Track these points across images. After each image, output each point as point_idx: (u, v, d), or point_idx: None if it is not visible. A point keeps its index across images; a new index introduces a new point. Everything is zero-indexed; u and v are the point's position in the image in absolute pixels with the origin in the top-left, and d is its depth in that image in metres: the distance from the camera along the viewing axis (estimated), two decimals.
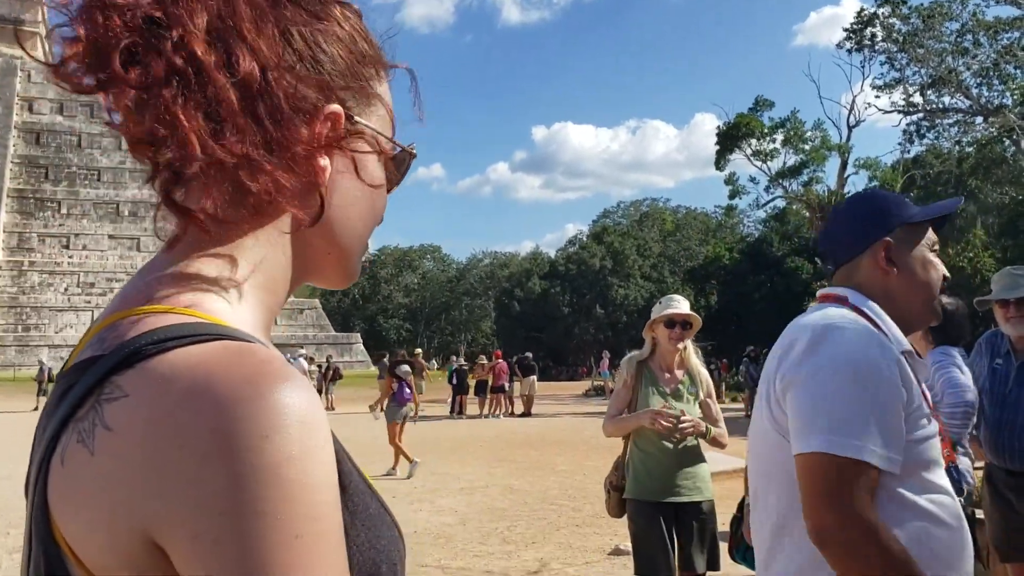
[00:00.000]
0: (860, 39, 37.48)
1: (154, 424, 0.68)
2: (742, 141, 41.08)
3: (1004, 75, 34.14)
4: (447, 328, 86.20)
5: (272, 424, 0.67)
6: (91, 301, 49.32)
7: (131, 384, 0.70)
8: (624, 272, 63.11)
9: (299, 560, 0.67)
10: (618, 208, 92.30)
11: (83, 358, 0.76)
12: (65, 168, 52.93)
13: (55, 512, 0.71)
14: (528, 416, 24.62)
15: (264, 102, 0.79)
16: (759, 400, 1.94)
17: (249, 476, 0.66)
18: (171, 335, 0.73)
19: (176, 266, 0.80)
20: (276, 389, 0.69)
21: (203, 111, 0.76)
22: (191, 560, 0.66)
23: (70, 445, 0.71)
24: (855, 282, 2.01)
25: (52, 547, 0.71)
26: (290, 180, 0.80)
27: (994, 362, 4.66)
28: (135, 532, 0.68)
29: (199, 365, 0.70)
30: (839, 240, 2.09)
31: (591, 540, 8.01)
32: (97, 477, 0.69)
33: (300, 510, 0.68)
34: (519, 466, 13.56)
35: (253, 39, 0.79)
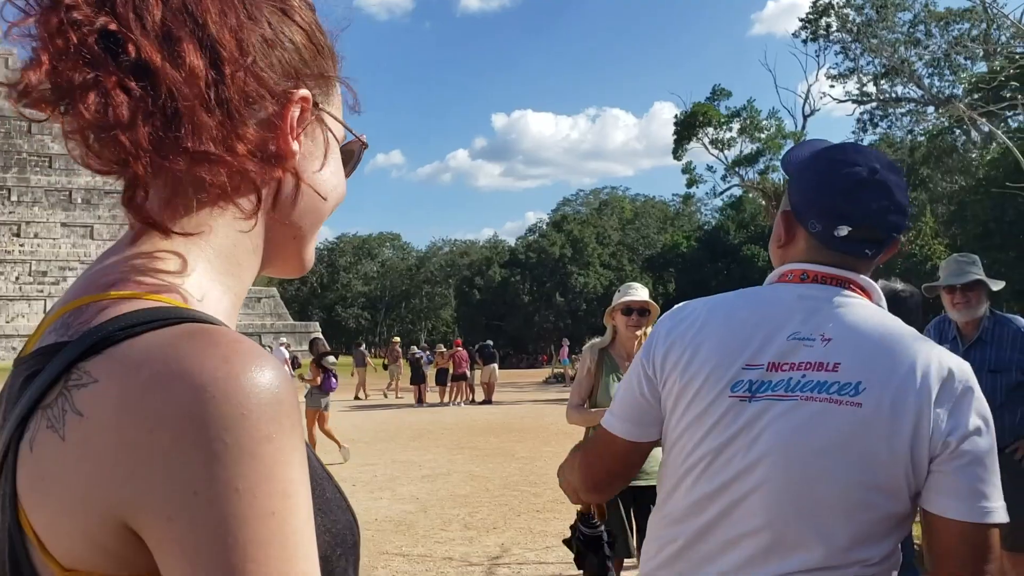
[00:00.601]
0: (816, 29, 37.95)
1: (126, 408, 0.68)
2: (699, 130, 41.40)
3: (955, 65, 34.81)
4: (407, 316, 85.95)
5: (248, 403, 0.68)
6: (43, 290, 48.33)
7: (100, 369, 0.70)
8: (584, 260, 63.35)
9: (274, 536, 0.67)
10: (578, 196, 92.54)
11: (46, 343, 0.76)
12: (15, 154, 51.72)
13: (23, 498, 0.71)
14: (489, 404, 24.69)
15: (227, 93, 0.79)
16: (873, 428, 1.53)
17: (225, 455, 0.67)
18: (140, 320, 0.73)
19: (140, 252, 0.80)
20: (250, 368, 0.69)
21: (161, 116, 0.76)
22: (167, 541, 0.67)
23: (39, 431, 0.70)
24: (869, 274, 1.75)
25: (17, 533, 0.71)
26: (255, 167, 0.82)
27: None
28: (107, 517, 0.68)
29: (169, 348, 0.70)
30: (908, 216, 1.74)
31: (551, 525, 8.09)
32: (68, 463, 0.69)
33: (276, 487, 0.68)
34: (480, 453, 13.61)
35: (218, 29, 0.79)
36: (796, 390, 1.56)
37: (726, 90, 42.60)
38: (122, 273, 0.79)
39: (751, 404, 1.58)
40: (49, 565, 0.70)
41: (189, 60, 0.77)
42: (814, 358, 1.58)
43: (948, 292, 4.68)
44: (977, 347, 4.62)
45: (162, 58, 0.76)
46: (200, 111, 0.77)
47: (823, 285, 1.66)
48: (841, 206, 1.64)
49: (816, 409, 1.55)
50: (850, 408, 1.53)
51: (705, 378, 1.64)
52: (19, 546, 0.71)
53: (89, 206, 52.22)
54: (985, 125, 25.65)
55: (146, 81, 0.75)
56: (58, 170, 52.47)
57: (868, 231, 1.64)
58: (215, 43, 0.79)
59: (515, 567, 6.71)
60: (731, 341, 1.65)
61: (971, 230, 24.77)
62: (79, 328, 0.74)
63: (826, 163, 1.70)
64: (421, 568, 6.65)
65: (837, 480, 1.53)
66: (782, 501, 1.55)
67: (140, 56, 0.75)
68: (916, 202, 33.63)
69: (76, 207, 51.94)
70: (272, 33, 0.84)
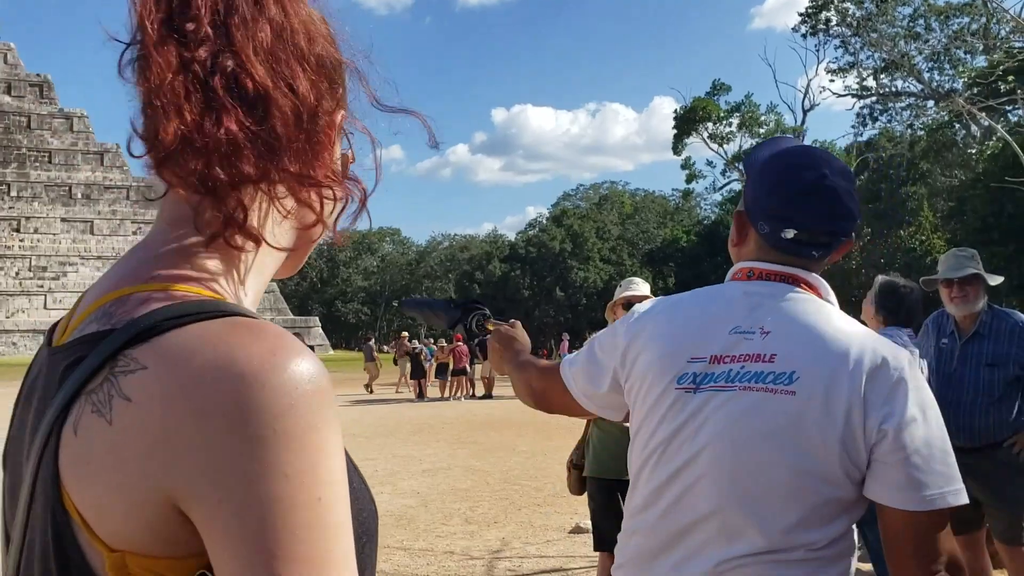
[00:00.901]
0: (815, 23, 37.93)
1: (177, 395, 0.70)
2: (699, 125, 41.42)
3: (955, 60, 34.78)
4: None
5: (295, 394, 0.71)
6: (44, 285, 48.36)
7: (148, 357, 0.73)
8: (583, 255, 63.35)
9: (319, 520, 0.70)
10: (578, 191, 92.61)
11: (87, 332, 0.79)
12: (14, 150, 51.65)
13: (66, 481, 0.73)
14: (489, 398, 24.71)
15: (315, 119, 0.86)
16: (805, 415, 1.59)
17: (275, 442, 0.70)
18: (186, 311, 0.76)
19: (180, 248, 0.84)
20: (296, 361, 0.73)
21: (268, 142, 0.81)
22: (217, 522, 0.69)
23: (84, 416, 0.73)
24: (819, 272, 1.79)
25: (62, 515, 0.73)
26: (333, 186, 0.89)
27: (940, 342, 4.78)
28: (158, 499, 0.71)
29: (218, 339, 0.73)
30: (856, 220, 1.77)
31: (552, 519, 8.12)
32: (116, 446, 0.71)
33: (321, 475, 0.71)
34: (481, 447, 13.64)
35: (308, 54, 0.86)
36: (735, 381, 1.63)
37: (725, 85, 42.64)
38: (163, 266, 0.82)
39: (695, 395, 1.66)
40: (96, 546, 0.72)
41: (300, 87, 0.83)
42: (753, 350, 1.64)
43: (946, 286, 4.70)
44: (975, 341, 4.64)
45: (275, 87, 0.81)
46: (301, 136, 0.84)
47: (768, 282, 1.73)
48: (787, 211, 1.70)
49: (753, 398, 1.61)
50: (784, 397, 1.59)
51: (657, 372, 1.71)
52: (64, 528, 0.73)
53: (89, 201, 52.17)
54: (985, 119, 25.66)
55: (258, 108, 0.80)
56: (57, 165, 52.40)
57: (813, 235, 1.70)
58: (308, 68, 0.85)
59: (516, 561, 6.73)
60: (680, 337, 1.73)
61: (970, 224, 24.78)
62: (122, 317, 0.77)
63: (776, 168, 1.76)
64: (422, 562, 6.68)
65: (774, 467, 1.59)
66: (725, 488, 1.62)
67: (256, 89, 0.80)
68: (916, 196, 33.65)
69: (76, 202, 51.89)
70: (324, 52, 0.89)
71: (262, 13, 0.84)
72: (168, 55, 0.78)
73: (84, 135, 53.72)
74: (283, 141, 0.82)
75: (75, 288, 47.33)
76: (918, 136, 37.79)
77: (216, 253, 0.84)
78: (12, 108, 52.90)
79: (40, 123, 53.20)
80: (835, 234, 1.71)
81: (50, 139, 52.63)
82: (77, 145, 52.92)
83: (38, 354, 0.90)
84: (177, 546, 0.72)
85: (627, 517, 1.80)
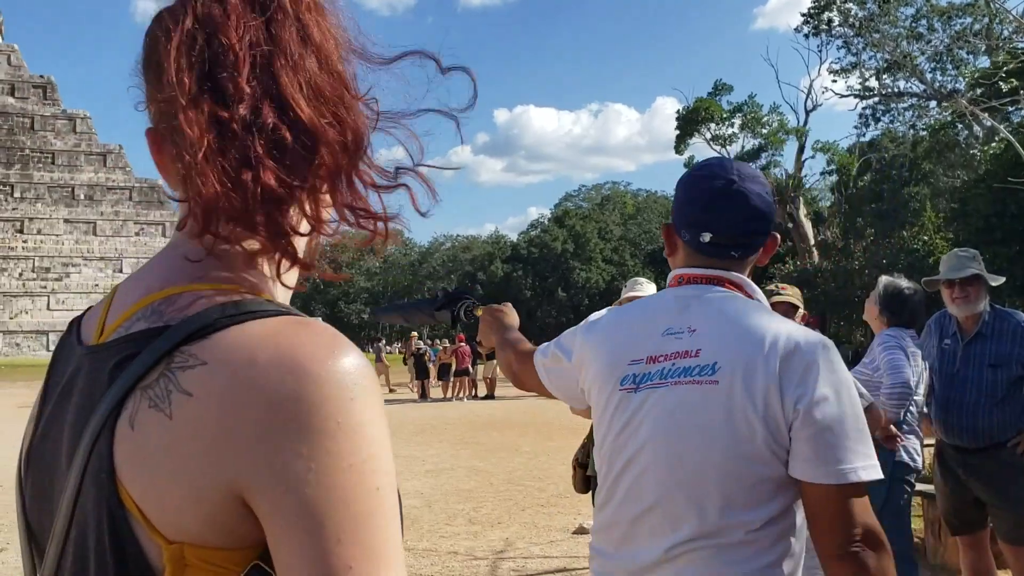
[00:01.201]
0: (818, 23, 37.84)
1: (241, 389, 0.73)
2: (701, 125, 41.34)
3: (957, 60, 34.73)
4: None
5: (354, 389, 0.75)
6: (47, 286, 48.40)
7: (208, 353, 0.75)
8: (586, 255, 63.35)
9: (378, 508, 0.74)
10: (580, 191, 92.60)
11: (136, 330, 0.81)
12: (18, 151, 51.72)
13: (122, 474, 0.75)
14: (491, 399, 24.72)
15: (360, 147, 0.87)
16: (730, 402, 1.71)
17: (338, 434, 0.73)
18: (242, 310, 0.78)
19: (223, 249, 0.85)
20: (352, 358, 0.77)
21: (324, 178, 0.84)
22: (281, 514, 0.72)
23: (140, 410, 0.75)
24: (747, 271, 1.92)
25: (118, 508, 0.75)
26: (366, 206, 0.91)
27: (943, 342, 4.79)
28: (220, 491, 0.73)
29: (280, 336, 0.76)
30: (770, 220, 1.90)
31: (556, 519, 8.13)
32: (177, 440, 0.73)
33: (379, 465, 0.75)
34: (484, 448, 13.65)
35: (349, 92, 0.87)
36: (668, 377, 1.77)
37: (728, 85, 42.54)
38: (210, 268, 0.84)
39: (636, 395, 1.81)
40: (153, 538, 0.74)
41: (346, 116, 0.85)
42: (681, 348, 1.79)
43: (947, 287, 4.70)
44: (977, 341, 4.64)
45: (322, 123, 0.82)
46: (349, 164, 0.85)
47: (696, 285, 1.87)
48: (701, 217, 1.85)
49: (682, 392, 1.75)
50: (708, 387, 1.73)
51: (605, 377, 1.88)
52: (121, 521, 0.74)
53: (92, 202, 52.22)
54: (987, 120, 25.62)
55: (307, 148, 0.82)
56: (61, 166, 52.45)
57: (729, 237, 1.84)
58: (350, 93, 0.87)
59: (520, 561, 6.75)
60: (622, 343, 1.88)
61: (973, 225, 24.74)
62: (174, 315, 0.80)
63: (691, 179, 1.93)
64: (426, 562, 6.69)
65: (706, 453, 1.71)
66: (665, 478, 1.75)
67: (305, 130, 0.81)
68: (918, 197, 33.62)
69: (79, 203, 51.95)
70: (354, 69, 0.93)
71: (307, 47, 0.84)
72: (201, 116, 0.78)
73: (87, 136, 53.76)
74: (330, 180, 0.84)
75: (78, 289, 47.38)
76: (920, 136, 37.76)
77: (253, 254, 0.86)
78: (16, 109, 52.98)
79: (43, 124, 53.27)
80: (751, 234, 1.85)
81: (53, 140, 52.69)
82: (80, 146, 52.97)
83: (63, 353, 0.91)
84: (235, 537, 0.75)
85: (594, 514, 1.93)
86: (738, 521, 1.70)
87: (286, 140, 0.80)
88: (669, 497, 1.75)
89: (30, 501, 0.88)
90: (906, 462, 4.67)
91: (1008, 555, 4.71)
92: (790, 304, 4.00)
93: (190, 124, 0.77)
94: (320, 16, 0.87)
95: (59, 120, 53.55)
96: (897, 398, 4.50)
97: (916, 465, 4.76)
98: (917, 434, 4.81)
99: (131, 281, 0.89)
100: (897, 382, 4.50)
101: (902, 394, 4.50)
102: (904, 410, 4.59)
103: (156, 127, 0.89)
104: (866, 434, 1.69)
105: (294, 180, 0.81)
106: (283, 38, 0.82)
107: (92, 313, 0.93)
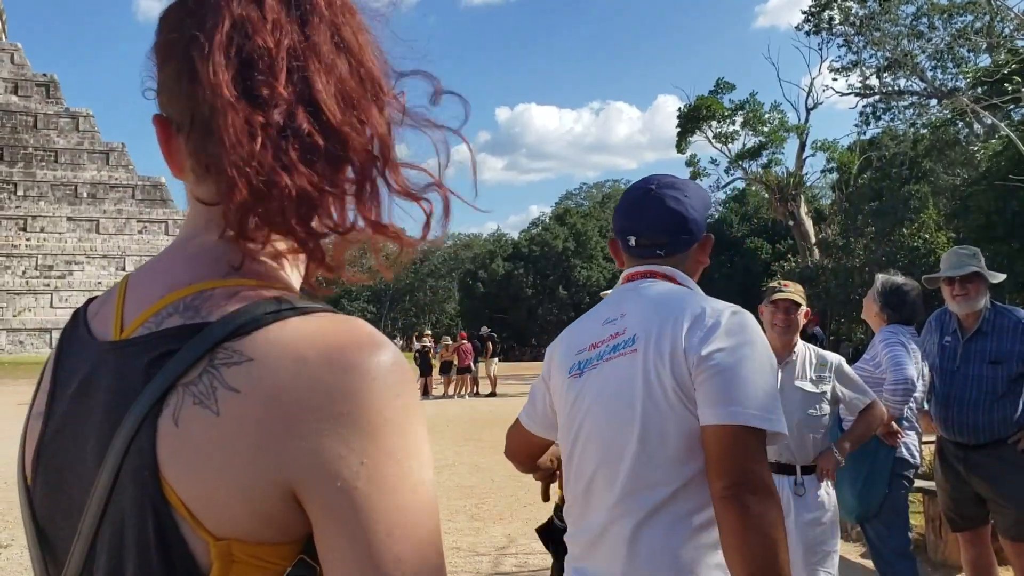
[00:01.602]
0: (818, 22, 37.78)
1: (290, 386, 0.73)
2: (703, 123, 41.28)
3: (958, 58, 34.63)
4: (411, 310, 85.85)
5: (400, 386, 0.77)
6: (50, 284, 48.32)
7: (254, 349, 0.75)
8: (587, 253, 63.30)
9: (425, 501, 0.76)
10: (580, 190, 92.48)
11: (170, 325, 0.80)
12: (21, 149, 51.61)
13: (166, 472, 0.74)
14: (493, 396, 24.72)
15: (388, 150, 0.88)
16: (645, 364, 1.89)
17: (387, 429, 0.75)
18: (284, 306, 0.79)
19: (250, 248, 0.85)
20: (394, 354, 0.78)
21: (338, 195, 0.85)
22: (332, 507, 0.73)
23: (184, 407, 0.74)
24: (682, 267, 2.08)
25: (163, 506, 0.74)
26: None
27: (943, 339, 4.81)
28: (271, 487, 0.73)
29: (323, 332, 0.77)
30: (697, 222, 2.09)
31: None
32: (226, 437, 0.73)
33: (423, 459, 0.78)
34: (486, 445, 13.68)
35: (382, 96, 0.88)
36: (603, 357, 1.98)
37: (729, 83, 42.47)
38: (240, 262, 0.84)
39: (580, 379, 2.02)
40: (200, 536, 0.74)
41: (375, 120, 0.85)
42: (614, 330, 2.00)
43: (947, 284, 4.73)
44: (978, 338, 4.67)
45: (352, 127, 0.83)
46: (375, 168, 0.86)
47: (633, 281, 2.09)
48: (624, 222, 2.13)
49: (612, 365, 1.96)
50: (630, 356, 1.92)
51: (559, 372, 2.10)
52: (166, 518, 0.74)
53: (95, 200, 52.17)
54: (988, 118, 25.60)
55: (337, 152, 0.82)
56: (64, 164, 52.38)
57: (649, 238, 2.08)
58: (383, 96, 0.87)
59: (522, 557, 6.78)
60: (573, 340, 2.12)
61: (974, 222, 24.70)
62: (211, 311, 0.79)
63: (623, 194, 2.20)
64: None
65: (630, 415, 1.88)
66: (601, 445, 1.94)
67: (335, 134, 0.82)
68: (919, 195, 33.55)
69: (82, 201, 51.88)
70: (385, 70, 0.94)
71: (339, 50, 0.83)
72: (239, 119, 0.77)
73: (90, 134, 53.68)
74: (358, 185, 0.84)
75: (81, 287, 47.33)
76: (921, 135, 37.68)
77: (276, 250, 0.87)
78: (19, 108, 52.90)
79: (46, 123, 53.16)
80: (669, 233, 2.06)
81: (56, 138, 52.58)
82: (83, 144, 52.88)
83: (72, 348, 0.88)
84: (283, 532, 0.76)
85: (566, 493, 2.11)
86: (665, 477, 1.83)
87: (319, 145, 0.80)
88: (605, 462, 1.92)
89: (41, 500, 0.86)
90: (906, 458, 4.70)
91: (1009, 551, 4.73)
92: (793, 301, 4.02)
93: (227, 127, 0.77)
94: (353, 18, 0.86)
95: (62, 118, 53.45)
96: (901, 394, 4.52)
97: (915, 461, 4.79)
98: (916, 430, 4.84)
99: (145, 275, 0.87)
100: (900, 378, 4.52)
101: (906, 390, 4.52)
102: (908, 404, 4.62)
103: (168, 115, 0.88)
104: (764, 388, 1.79)
105: (325, 184, 0.81)
106: (317, 41, 0.82)
107: (102, 307, 0.91)
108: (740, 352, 1.81)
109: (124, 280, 0.91)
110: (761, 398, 1.77)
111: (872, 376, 4.67)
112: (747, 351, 1.82)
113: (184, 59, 0.82)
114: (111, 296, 0.90)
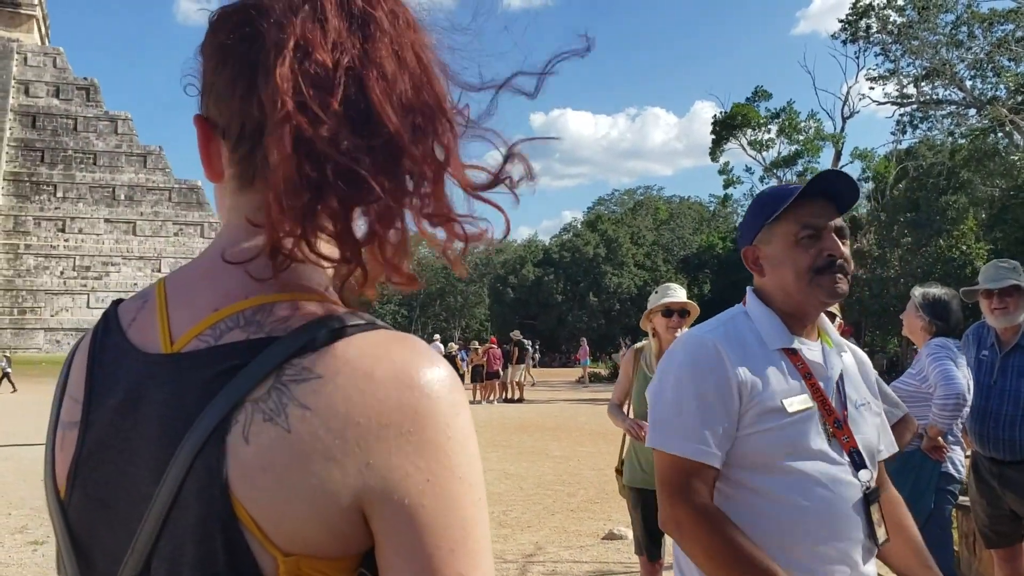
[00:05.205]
0: (855, 30, 37.50)
1: (360, 404, 0.75)
2: (738, 131, 41.11)
3: (998, 67, 34.15)
4: (442, 314, 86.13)
5: (459, 404, 0.79)
6: (87, 284, 49.13)
7: (323, 366, 0.76)
8: (618, 260, 63.08)
9: (481, 516, 0.78)
10: (613, 196, 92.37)
11: (234, 340, 0.79)
12: (61, 152, 52.58)
13: (236, 489, 0.74)
14: (521, 402, 24.71)
15: (449, 161, 0.87)
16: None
17: (450, 447, 0.77)
18: (347, 323, 0.79)
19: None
20: (449, 371, 0.80)
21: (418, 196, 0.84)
22: (398, 522, 0.74)
23: (253, 424, 0.74)
24: (755, 282, 2.15)
25: (232, 523, 0.74)
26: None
27: (980, 353, 4.75)
28: (342, 503, 0.74)
29: (386, 351, 0.78)
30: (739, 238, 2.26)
31: (586, 524, 8.13)
32: (298, 454, 0.73)
33: (479, 476, 0.80)
34: (514, 451, 13.66)
35: (444, 110, 0.87)
36: None
37: (766, 91, 42.31)
38: (292, 275, 0.83)
39: None
40: (269, 551, 0.74)
41: (436, 130, 0.84)
42: None
43: (986, 297, 4.67)
44: (1016, 353, 4.60)
45: (410, 137, 0.81)
46: (434, 175, 0.85)
47: None
48: None
49: None
50: None
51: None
52: (235, 536, 0.74)
53: (132, 202, 52.97)
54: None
55: (392, 161, 0.81)
56: (102, 167, 53.25)
57: None
58: (445, 110, 0.86)
59: (549, 565, 6.75)
60: None
61: (1012, 234, 24.37)
62: (276, 326, 0.79)
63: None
64: None
65: None
66: None
67: (392, 143, 0.81)
68: (955, 206, 33.14)
69: (119, 203, 52.70)
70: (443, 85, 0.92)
71: (401, 65, 0.82)
72: (289, 137, 0.76)
73: (128, 137, 54.55)
74: (417, 188, 0.83)
75: (117, 288, 48.03)
76: (959, 144, 37.21)
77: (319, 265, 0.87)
78: (60, 111, 53.86)
79: (86, 126, 54.10)
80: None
81: (95, 141, 53.48)
82: (121, 147, 53.74)
83: (109, 356, 0.86)
84: (347, 546, 0.77)
85: None
86: None
87: (371, 160, 0.79)
88: None
89: (80, 514, 0.84)
90: (951, 473, 4.62)
91: (995, 558, 4.66)
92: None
93: (282, 142, 0.76)
94: (416, 35, 0.86)
95: (101, 121, 54.35)
96: (952, 409, 4.44)
97: (960, 476, 4.71)
98: (961, 445, 4.77)
99: (188, 284, 0.86)
100: (951, 393, 4.44)
101: (956, 404, 4.44)
102: (959, 419, 4.55)
103: (210, 117, 0.87)
104: (687, 415, 1.90)
105: (380, 194, 0.80)
106: (378, 55, 0.81)
107: (138, 313, 0.88)
108: (662, 381, 2.03)
109: (160, 286, 0.89)
110: (677, 427, 1.92)
111: (918, 391, 4.61)
112: (669, 378, 2.00)
113: (243, 67, 0.82)
114: (148, 303, 0.88)
